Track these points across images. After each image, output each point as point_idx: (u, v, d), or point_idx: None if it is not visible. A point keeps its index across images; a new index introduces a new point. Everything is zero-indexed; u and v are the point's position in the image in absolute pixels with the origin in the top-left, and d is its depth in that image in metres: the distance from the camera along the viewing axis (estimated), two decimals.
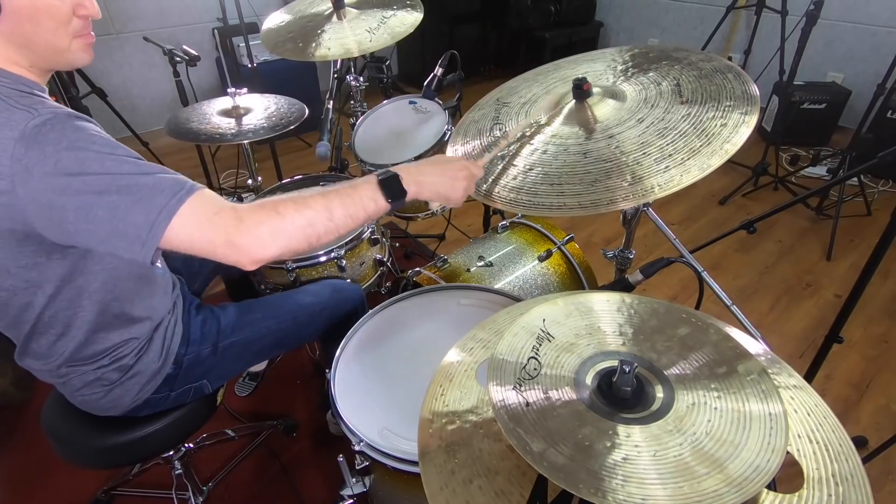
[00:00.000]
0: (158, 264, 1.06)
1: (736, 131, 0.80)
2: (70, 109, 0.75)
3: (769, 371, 0.63)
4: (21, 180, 0.69)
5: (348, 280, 1.48)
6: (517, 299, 1.19)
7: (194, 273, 1.31)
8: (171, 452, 1.29)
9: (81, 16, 0.80)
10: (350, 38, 1.56)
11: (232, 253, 0.74)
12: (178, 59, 2.12)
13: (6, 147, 0.69)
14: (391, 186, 0.85)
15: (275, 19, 1.73)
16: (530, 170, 0.92)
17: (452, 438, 0.66)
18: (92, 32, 0.83)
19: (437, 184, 0.90)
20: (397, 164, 0.93)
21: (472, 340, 0.78)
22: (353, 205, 0.82)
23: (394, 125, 1.78)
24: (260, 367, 1.86)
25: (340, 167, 1.95)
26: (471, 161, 0.96)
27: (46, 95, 0.80)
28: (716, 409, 0.54)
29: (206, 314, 1.14)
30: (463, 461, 0.63)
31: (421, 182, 0.88)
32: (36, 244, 0.77)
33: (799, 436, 0.61)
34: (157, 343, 1.02)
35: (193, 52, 2.08)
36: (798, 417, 0.63)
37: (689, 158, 0.80)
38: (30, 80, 0.79)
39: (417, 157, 1.59)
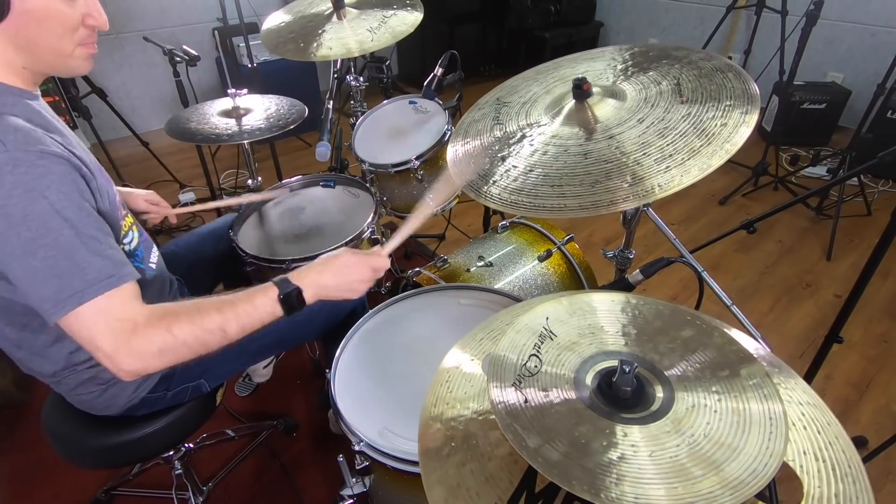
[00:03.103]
0: (153, 265, 1.06)
1: (736, 131, 0.80)
2: (43, 146, 0.72)
3: (783, 384, 0.64)
4: None
5: None
6: (517, 299, 1.19)
7: (196, 279, 1.31)
8: (171, 452, 1.29)
9: (89, 25, 0.80)
10: (351, 37, 1.56)
11: (111, 366, 0.75)
12: (178, 59, 2.12)
13: None
14: (291, 302, 0.86)
15: (274, 19, 1.73)
16: (531, 171, 0.91)
17: (451, 424, 0.66)
18: (95, 44, 0.84)
19: (338, 287, 0.91)
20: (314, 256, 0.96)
21: (472, 340, 0.79)
22: (250, 321, 0.83)
23: (394, 125, 1.78)
24: (264, 377, 1.86)
25: (340, 167, 1.95)
26: (373, 255, 0.95)
27: (38, 103, 0.80)
28: (715, 411, 0.54)
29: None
30: (458, 445, 0.63)
31: (321, 288, 0.89)
32: None
33: (805, 452, 0.59)
34: None
35: (193, 52, 2.08)
36: (807, 434, 0.61)
37: (689, 159, 0.80)
38: (16, 88, 0.78)
39: (418, 158, 1.59)
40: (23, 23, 0.74)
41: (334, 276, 0.91)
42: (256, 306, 0.83)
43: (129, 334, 0.74)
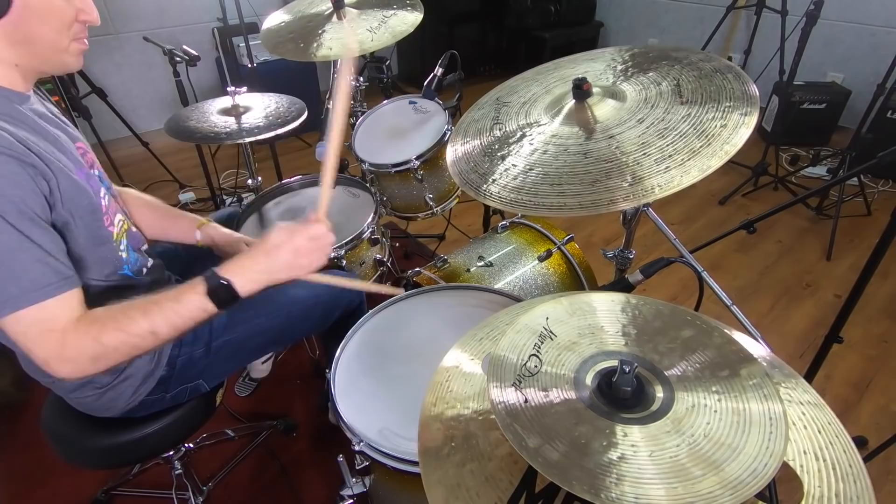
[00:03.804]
0: (145, 269, 1.06)
1: (735, 132, 0.80)
2: (8, 145, 0.72)
3: (783, 384, 0.63)
4: None
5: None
6: (517, 299, 1.19)
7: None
8: (171, 452, 1.29)
9: (82, 20, 0.82)
10: (351, 38, 1.56)
11: (48, 370, 0.76)
12: (177, 59, 2.12)
13: None
14: (221, 295, 0.82)
15: (274, 19, 1.73)
16: (530, 170, 0.92)
17: (451, 424, 0.66)
18: (86, 40, 0.85)
19: (277, 271, 0.86)
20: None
21: (472, 340, 0.79)
22: (181, 320, 0.81)
23: (394, 125, 1.79)
24: (263, 373, 1.86)
25: (340, 167, 1.95)
26: (306, 225, 0.88)
27: (15, 102, 0.80)
28: (715, 411, 0.54)
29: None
30: (458, 445, 0.63)
31: (260, 279, 0.85)
32: None
33: (805, 452, 0.59)
34: None
35: (193, 52, 2.08)
36: (807, 434, 0.61)
37: (689, 159, 0.80)
38: (7, 91, 0.79)
39: (418, 158, 1.59)
40: (23, 18, 0.75)
41: (266, 259, 0.86)
42: (184, 304, 0.81)
43: (60, 345, 0.75)
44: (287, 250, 0.86)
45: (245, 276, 0.84)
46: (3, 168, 0.71)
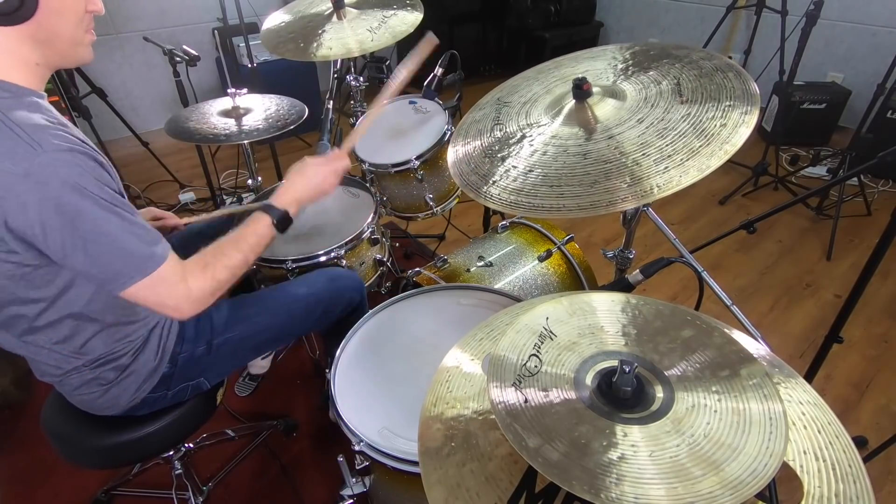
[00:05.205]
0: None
1: (735, 132, 0.80)
2: (72, 142, 0.76)
3: (783, 384, 0.63)
4: (12, 212, 0.73)
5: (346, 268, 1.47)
6: (517, 299, 1.19)
7: None
8: (171, 452, 1.29)
9: (91, 11, 0.84)
10: (351, 37, 1.56)
11: (177, 316, 0.90)
12: (178, 59, 2.12)
13: (9, 182, 0.71)
14: (284, 224, 1.05)
15: (274, 19, 1.73)
16: (530, 171, 0.91)
17: (451, 424, 0.66)
18: (93, 30, 0.86)
19: (310, 190, 1.11)
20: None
21: (472, 340, 0.79)
22: (259, 246, 1.01)
23: (394, 125, 1.78)
24: (263, 369, 1.86)
25: None
26: (336, 158, 1.16)
27: (44, 101, 0.81)
28: (715, 411, 0.54)
29: (201, 312, 1.14)
30: (458, 445, 0.63)
31: (299, 199, 1.08)
32: (24, 252, 0.78)
33: (805, 452, 0.59)
34: (153, 342, 1.02)
35: (193, 52, 2.08)
36: (807, 434, 0.61)
37: (688, 159, 0.80)
38: (27, 90, 0.79)
39: (418, 158, 1.59)
40: (45, 15, 0.77)
41: (304, 184, 1.10)
42: (261, 235, 1.01)
43: (187, 292, 0.87)
44: (319, 176, 1.12)
45: (293, 203, 1.07)
46: (85, 164, 0.77)
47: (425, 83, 1.62)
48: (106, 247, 0.79)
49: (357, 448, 0.91)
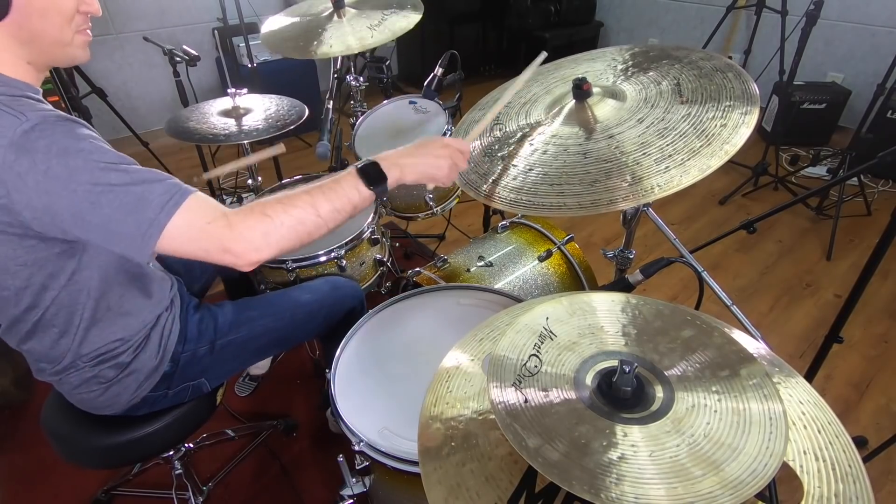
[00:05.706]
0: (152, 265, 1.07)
1: (735, 132, 0.80)
2: (59, 112, 0.75)
3: (783, 383, 0.63)
4: (14, 186, 0.71)
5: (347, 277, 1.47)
6: (517, 299, 1.19)
7: (195, 276, 1.31)
8: (171, 452, 1.29)
9: (83, 12, 0.82)
10: (351, 35, 1.56)
11: (228, 258, 0.77)
12: (178, 59, 2.12)
13: (1, 155, 0.69)
14: (370, 174, 0.87)
15: (274, 23, 1.72)
16: (530, 170, 0.92)
17: (451, 424, 0.66)
18: (90, 31, 0.85)
19: (418, 164, 0.91)
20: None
21: (472, 340, 0.79)
22: (338, 198, 0.84)
23: (394, 125, 1.78)
24: (262, 370, 1.86)
25: (340, 167, 1.95)
26: (455, 139, 0.97)
27: (40, 97, 0.81)
28: (715, 411, 0.54)
29: (204, 313, 1.14)
30: (458, 445, 0.63)
31: (402, 165, 0.90)
32: (36, 240, 0.78)
33: (805, 452, 0.59)
34: (153, 341, 1.02)
35: (193, 52, 2.08)
36: (807, 433, 0.61)
37: (688, 159, 0.80)
38: (21, 83, 0.79)
39: None
40: (25, 17, 0.76)
41: (413, 149, 0.92)
42: (339, 181, 0.85)
43: (228, 228, 0.76)
44: (434, 150, 0.93)
45: (391, 160, 0.89)
46: (86, 132, 0.75)
47: (425, 83, 1.62)
48: (114, 202, 0.72)
49: (357, 448, 0.91)
